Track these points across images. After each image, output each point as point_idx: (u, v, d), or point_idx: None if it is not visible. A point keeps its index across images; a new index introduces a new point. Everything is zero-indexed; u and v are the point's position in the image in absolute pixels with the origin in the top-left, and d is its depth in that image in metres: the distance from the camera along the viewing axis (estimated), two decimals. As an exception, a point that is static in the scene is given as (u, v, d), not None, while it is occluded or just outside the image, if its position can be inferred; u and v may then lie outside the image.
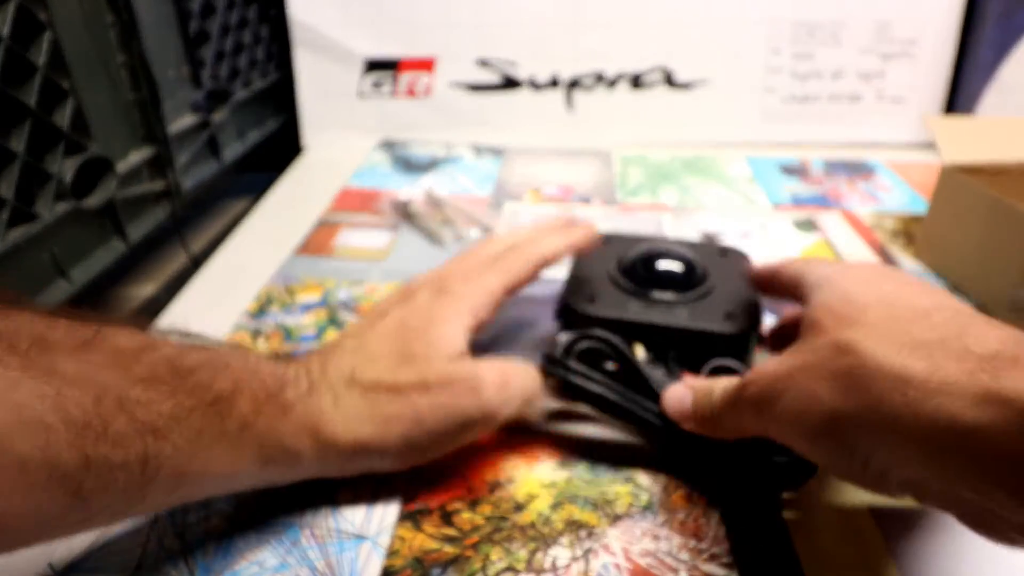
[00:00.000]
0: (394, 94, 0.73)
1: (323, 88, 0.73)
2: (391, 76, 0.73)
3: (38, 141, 0.41)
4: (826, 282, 0.27)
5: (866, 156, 0.70)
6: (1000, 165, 0.46)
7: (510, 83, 0.73)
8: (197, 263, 0.55)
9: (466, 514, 0.29)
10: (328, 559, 0.27)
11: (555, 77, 0.73)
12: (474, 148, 0.71)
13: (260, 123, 0.72)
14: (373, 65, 0.72)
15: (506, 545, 0.28)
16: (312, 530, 0.28)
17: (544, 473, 0.31)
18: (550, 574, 0.27)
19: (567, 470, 0.32)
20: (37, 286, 0.42)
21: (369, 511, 0.29)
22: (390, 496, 0.30)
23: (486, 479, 0.31)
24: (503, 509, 0.29)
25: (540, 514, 0.29)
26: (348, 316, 0.43)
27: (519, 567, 0.27)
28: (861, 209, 0.58)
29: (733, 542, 0.28)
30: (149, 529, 0.28)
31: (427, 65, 0.72)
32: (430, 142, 0.73)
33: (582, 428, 0.34)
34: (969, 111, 0.71)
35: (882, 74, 0.72)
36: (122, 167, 0.49)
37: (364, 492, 0.30)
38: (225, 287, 0.47)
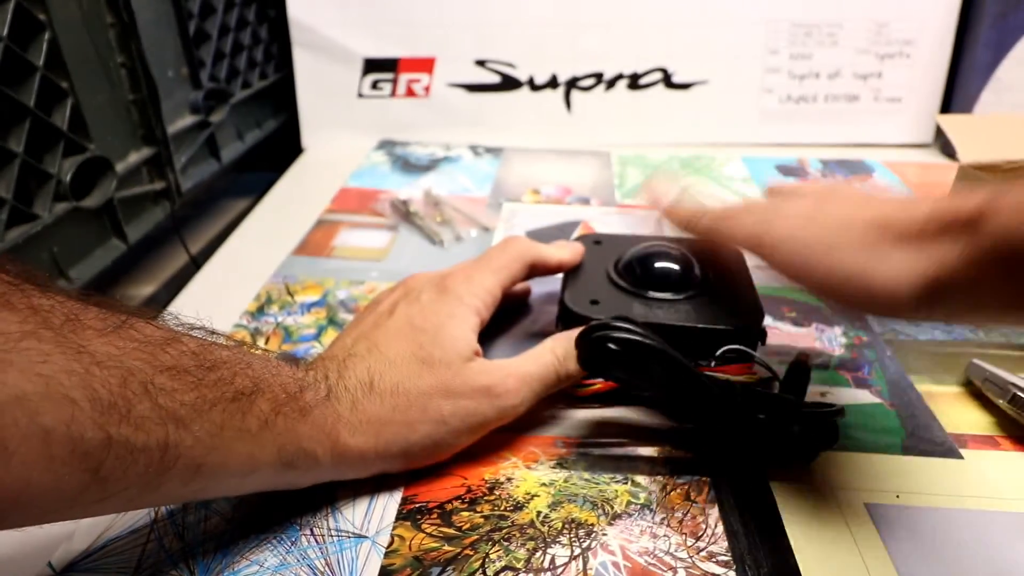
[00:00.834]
0: (393, 94, 0.73)
1: (322, 88, 0.73)
2: (390, 76, 0.73)
3: (37, 141, 0.41)
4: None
5: (864, 156, 0.70)
6: (1014, 162, 0.46)
7: (509, 83, 0.73)
8: (197, 263, 0.55)
9: (465, 513, 0.29)
10: (327, 558, 0.27)
11: (554, 78, 0.73)
12: (473, 148, 0.71)
13: (259, 123, 0.72)
14: (372, 65, 0.72)
15: (505, 544, 0.28)
16: (312, 529, 0.29)
17: (543, 472, 0.32)
18: (549, 573, 0.27)
19: (566, 469, 0.32)
20: (36, 286, 0.42)
21: (368, 510, 0.29)
22: (389, 495, 0.30)
23: (485, 478, 0.31)
24: (502, 508, 0.30)
25: (539, 513, 0.29)
26: (347, 316, 0.43)
27: (518, 566, 0.27)
28: (859, 209, 0.59)
29: (731, 539, 0.28)
30: (149, 529, 0.29)
31: (426, 65, 0.72)
32: (429, 142, 0.73)
33: (602, 411, 0.35)
34: (967, 112, 0.71)
35: (879, 74, 0.72)
36: (121, 167, 0.49)
37: (363, 491, 0.30)
38: (225, 287, 0.47)
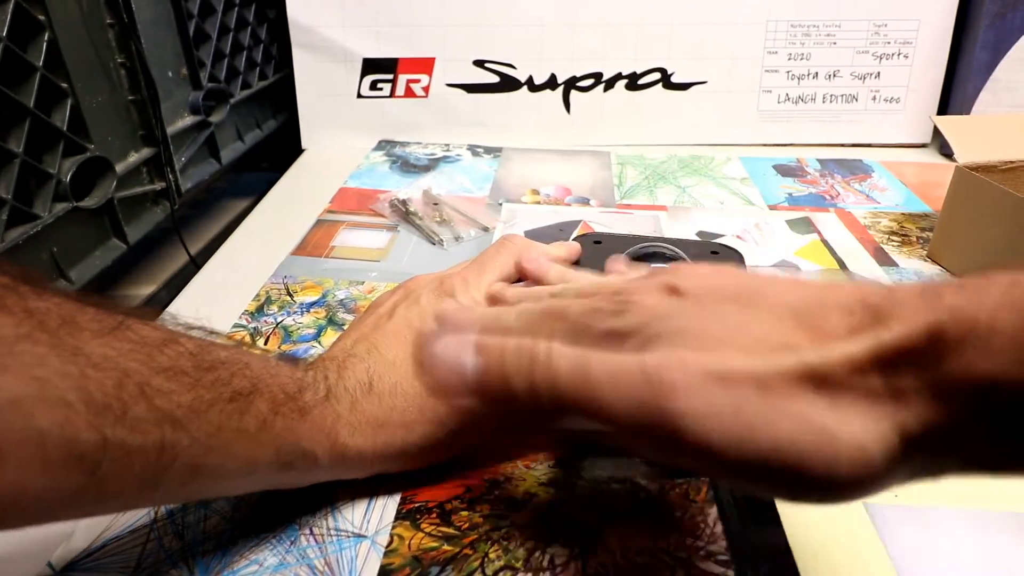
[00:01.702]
0: (392, 95, 0.73)
1: (322, 88, 0.73)
2: (389, 77, 0.73)
3: (37, 141, 0.41)
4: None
5: (862, 156, 0.71)
6: (1012, 162, 0.46)
7: (508, 84, 0.73)
8: (197, 263, 0.55)
9: (464, 512, 0.29)
10: (327, 558, 0.27)
11: (553, 78, 0.73)
12: (472, 148, 0.71)
13: (259, 123, 0.72)
14: (371, 66, 0.72)
15: (504, 543, 0.28)
16: (311, 529, 0.29)
17: (542, 472, 0.32)
18: (548, 572, 0.27)
19: (565, 468, 0.32)
20: (36, 286, 0.42)
21: (367, 510, 0.30)
22: (388, 495, 0.30)
23: (484, 477, 0.31)
24: (501, 508, 0.30)
25: (538, 512, 0.29)
26: (347, 316, 0.43)
27: (517, 565, 0.27)
28: (856, 209, 0.59)
29: (730, 538, 0.28)
30: (149, 528, 0.29)
31: (425, 66, 0.73)
32: (428, 142, 0.73)
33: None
34: (965, 112, 0.71)
35: (877, 75, 0.73)
36: (121, 167, 0.49)
37: (362, 491, 0.30)
38: (224, 287, 0.47)
